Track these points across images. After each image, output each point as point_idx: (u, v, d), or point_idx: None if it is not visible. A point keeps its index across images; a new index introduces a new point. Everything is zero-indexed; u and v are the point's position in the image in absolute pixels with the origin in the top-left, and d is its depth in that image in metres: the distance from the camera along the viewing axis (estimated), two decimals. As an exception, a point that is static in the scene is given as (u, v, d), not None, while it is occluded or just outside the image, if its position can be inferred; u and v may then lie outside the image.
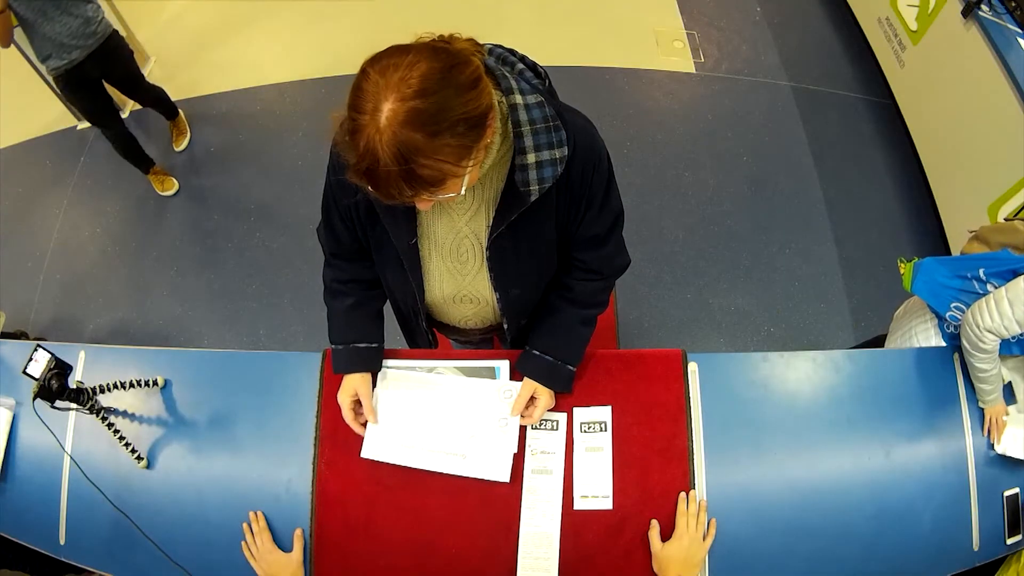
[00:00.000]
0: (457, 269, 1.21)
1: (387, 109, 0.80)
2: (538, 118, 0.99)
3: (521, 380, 1.32)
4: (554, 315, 1.30)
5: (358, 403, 1.32)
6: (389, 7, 3.58)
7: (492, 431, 1.31)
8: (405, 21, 3.45)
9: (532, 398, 1.31)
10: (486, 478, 1.30)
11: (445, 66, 0.83)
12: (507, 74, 0.99)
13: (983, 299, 1.36)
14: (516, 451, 1.30)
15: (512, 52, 1.06)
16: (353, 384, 1.31)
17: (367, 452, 1.31)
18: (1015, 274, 1.36)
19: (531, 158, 1.00)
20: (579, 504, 1.30)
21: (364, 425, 1.32)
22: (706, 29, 3.54)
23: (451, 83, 0.83)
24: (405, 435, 1.32)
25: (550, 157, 1.00)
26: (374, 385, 1.34)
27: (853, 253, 2.87)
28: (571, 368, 1.31)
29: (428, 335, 1.43)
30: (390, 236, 1.14)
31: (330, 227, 1.24)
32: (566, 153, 1.02)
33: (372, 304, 1.34)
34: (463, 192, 0.92)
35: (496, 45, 1.06)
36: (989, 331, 1.33)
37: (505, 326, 1.34)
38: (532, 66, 1.05)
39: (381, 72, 0.82)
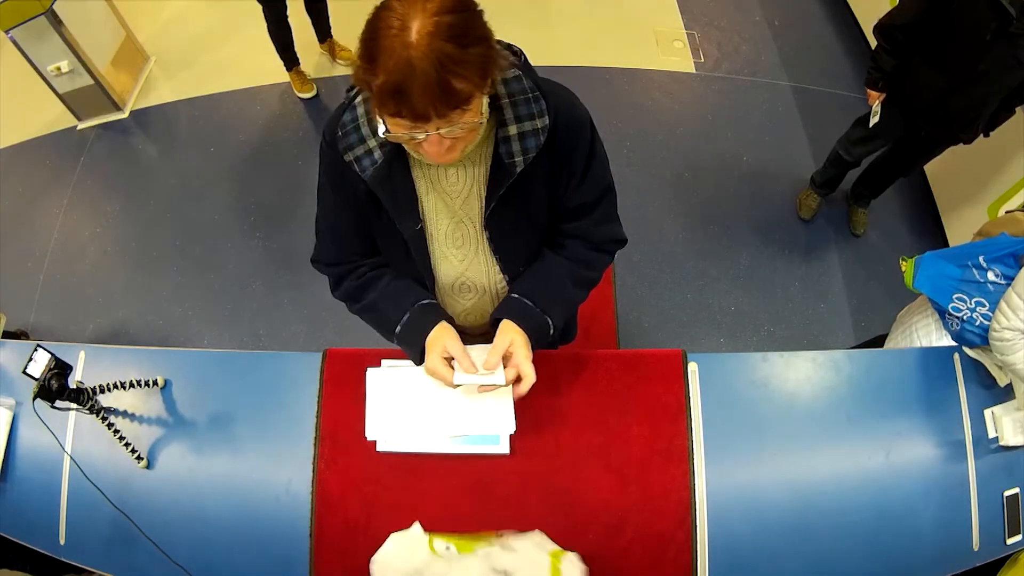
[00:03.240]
0: (455, 254, 1.21)
1: (417, 25, 0.83)
2: (516, 90, 1.03)
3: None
4: (541, 262, 1.24)
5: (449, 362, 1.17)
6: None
7: (487, 392, 1.24)
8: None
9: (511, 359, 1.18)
10: (495, 432, 1.31)
11: None
12: None
13: (997, 305, 1.38)
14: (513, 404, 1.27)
15: None
16: (440, 340, 1.16)
17: (378, 440, 1.33)
18: (1014, 257, 1.37)
19: (512, 130, 1.03)
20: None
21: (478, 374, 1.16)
22: (706, 29, 3.54)
23: (467, 4, 0.88)
24: (407, 418, 1.33)
25: (531, 128, 1.03)
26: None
27: (853, 253, 2.87)
28: (547, 319, 1.19)
29: None
30: (395, 224, 1.14)
31: (335, 231, 1.22)
32: (547, 122, 1.04)
33: (406, 275, 1.25)
34: (482, 119, 0.94)
35: None
36: (1008, 329, 1.34)
37: None
38: (507, 45, 1.07)
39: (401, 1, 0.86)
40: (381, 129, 0.94)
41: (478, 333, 1.44)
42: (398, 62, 0.83)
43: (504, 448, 1.32)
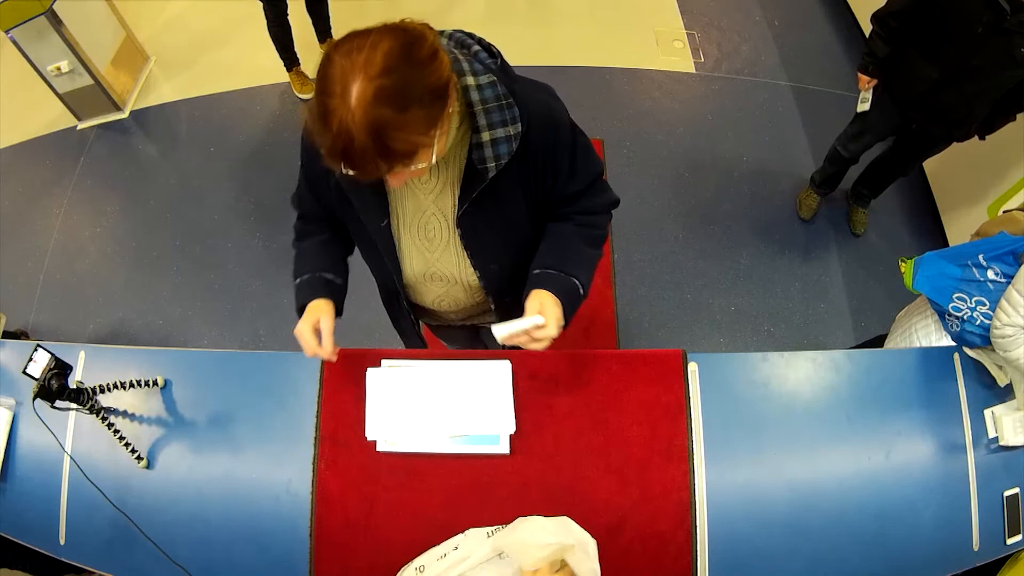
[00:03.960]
0: (425, 246, 1.23)
1: (356, 90, 0.84)
2: (490, 97, 1.03)
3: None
4: (553, 234, 1.25)
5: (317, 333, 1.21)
6: (386, 8, 3.58)
7: (486, 392, 1.34)
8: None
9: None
10: (495, 432, 1.32)
11: (405, 43, 0.87)
12: (459, 56, 1.02)
13: (998, 302, 1.38)
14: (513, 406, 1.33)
15: (471, 36, 1.09)
16: (316, 308, 1.22)
17: (378, 440, 1.33)
18: (1014, 255, 1.37)
19: (485, 136, 1.05)
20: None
21: (327, 353, 1.22)
22: (706, 29, 3.54)
23: (412, 58, 0.87)
24: (407, 418, 1.34)
25: (504, 134, 1.05)
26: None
27: (853, 253, 2.87)
28: (575, 282, 1.19)
29: (411, 315, 1.45)
30: (362, 220, 1.18)
31: (302, 203, 1.30)
32: (519, 129, 1.05)
33: (343, 245, 1.33)
34: (434, 161, 0.96)
35: (456, 30, 1.09)
36: (1009, 326, 1.35)
37: (492, 306, 1.35)
38: (487, 47, 1.08)
39: (345, 55, 0.86)
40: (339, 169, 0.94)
41: (456, 319, 1.46)
42: (340, 128, 0.85)
43: (504, 448, 1.33)
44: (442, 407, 1.34)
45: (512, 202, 1.17)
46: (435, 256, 1.25)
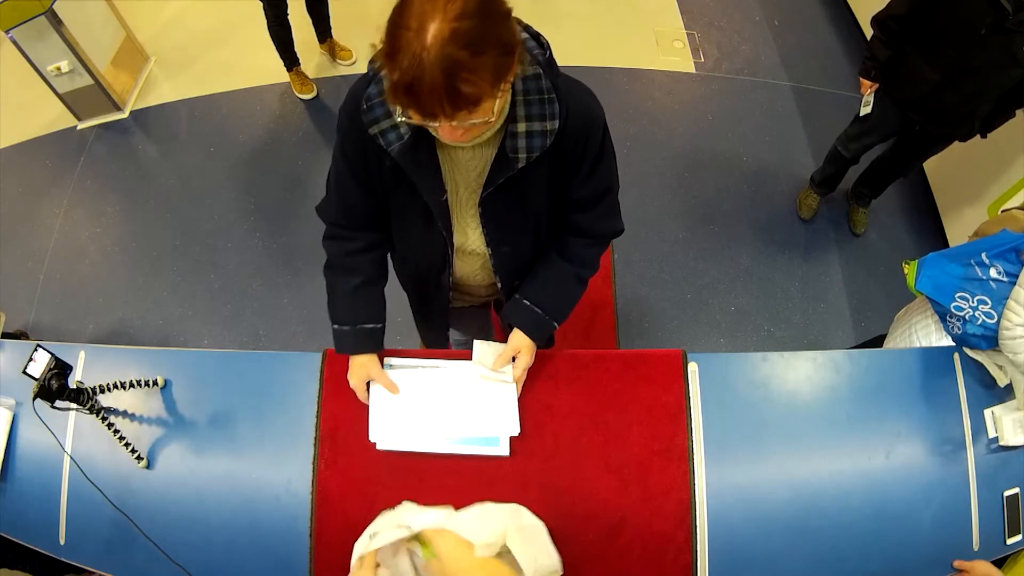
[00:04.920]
0: (467, 222, 1.25)
1: (433, 28, 0.84)
2: (532, 89, 1.05)
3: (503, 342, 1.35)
4: (548, 268, 1.33)
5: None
6: (385, 8, 3.57)
7: (491, 394, 1.34)
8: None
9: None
10: (499, 435, 1.32)
11: None
12: None
13: (1006, 304, 1.38)
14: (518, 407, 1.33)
15: (518, 21, 1.08)
16: (364, 366, 1.31)
17: (379, 441, 1.33)
18: (1016, 252, 1.37)
19: (521, 127, 1.06)
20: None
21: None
22: (706, 29, 3.54)
23: (491, 10, 0.89)
24: (411, 420, 1.33)
25: (540, 128, 1.06)
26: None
27: (853, 253, 2.87)
28: (555, 324, 1.33)
29: (450, 292, 1.44)
30: (419, 193, 1.16)
31: (342, 198, 1.25)
32: (556, 126, 1.06)
33: (379, 284, 1.35)
34: (493, 118, 0.96)
35: None
36: (1020, 326, 1.34)
37: (499, 285, 1.37)
38: (535, 35, 1.08)
39: None
40: (398, 112, 0.96)
41: (484, 292, 1.50)
42: (411, 63, 0.85)
43: (504, 450, 1.33)
44: (446, 408, 1.34)
45: (535, 194, 1.18)
46: (473, 232, 1.27)
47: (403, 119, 0.96)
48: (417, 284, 1.48)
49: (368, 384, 1.34)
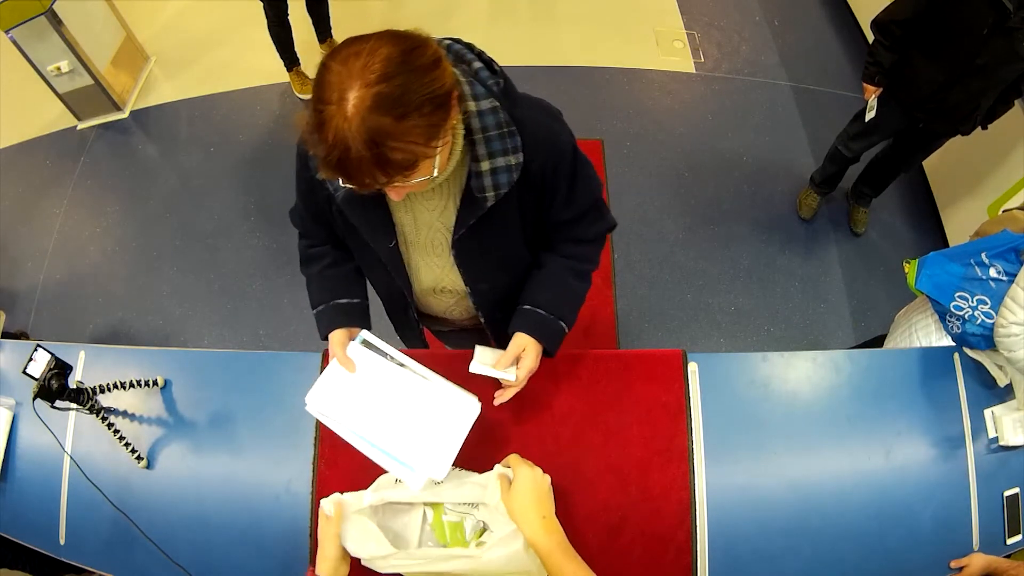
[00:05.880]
0: (433, 262, 1.22)
1: (353, 97, 0.80)
2: (491, 124, 0.99)
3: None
4: (543, 268, 1.28)
5: None
6: (386, 8, 3.58)
7: (441, 425, 1.14)
8: (402, 21, 3.45)
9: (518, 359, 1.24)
10: (418, 467, 1.11)
11: (405, 49, 0.84)
12: (459, 77, 0.97)
13: (1002, 302, 1.38)
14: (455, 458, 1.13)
15: (470, 48, 1.04)
16: (342, 339, 1.21)
17: (311, 405, 1.16)
18: (1015, 252, 1.37)
19: (485, 165, 1.01)
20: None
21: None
22: (706, 29, 3.54)
23: (413, 65, 0.83)
24: (350, 403, 1.16)
25: (504, 164, 1.01)
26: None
27: (853, 252, 2.87)
28: (562, 324, 1.24)
29: (418, 325, 1.43)
30: (368, 241, 1.15)
31: (302, 221, 1.28)
32: (520, 159, 1.02)
33: (349, 263, 1.31)
34: (436, 174, 0.92)
35: (454, 40, 1.05)
36: (1015, 324, 1.35)
37: (482, 319, 1.35)
38: (488, 63, 1.03)
39: (343, 62, 0.82)
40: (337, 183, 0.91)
41: (469, 324, 1.46)
42: (335, 138, 0.81)
43: (414, 483, 1.11)
44: (388, 410, 1.16)
45: (509, 228, 1.15)
46: (444, 272, 1.24)
47: (343, 185, 0.91)
48: (388, 313, 1.48)
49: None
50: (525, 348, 1.22)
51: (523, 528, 1.07)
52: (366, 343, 1.21)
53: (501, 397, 1.25)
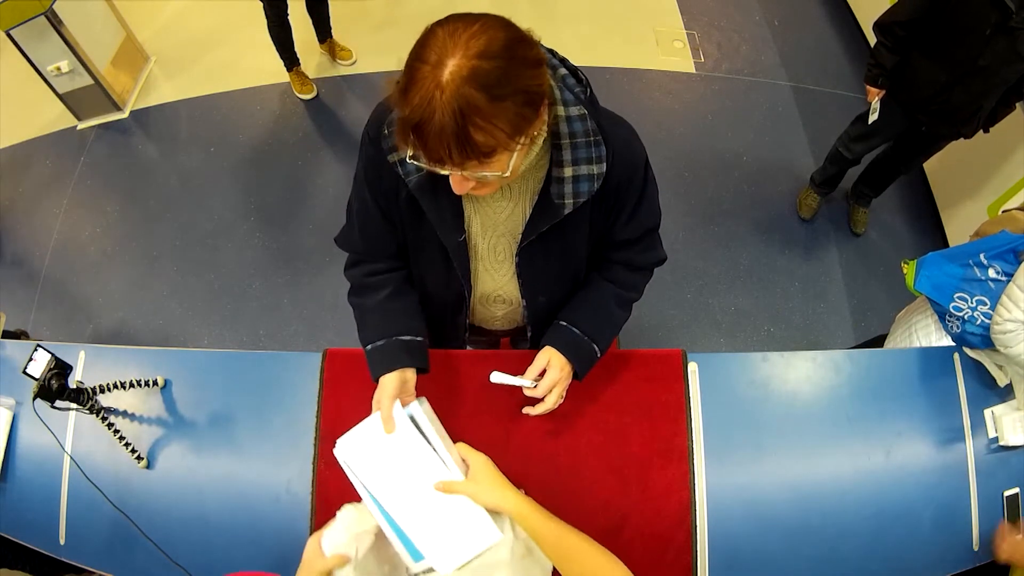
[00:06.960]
0: (495, 268, 1.20)
1: (451, 64, 0.77)
2: (579, 131, 0.97)
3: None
4: (589, 288, 1.26)
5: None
6: (387, 8, 3.58)
7: (463, 524, 1.05)
8: (402, 21, 3.45)
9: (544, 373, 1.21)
10: (428, 555, 1.05)
11: (513, 38, 0.82)
12: (551, 81, 0.95)
13: (999, 299, 1.38)
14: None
15: (553, 53, 1.00)
16: (394, 390, 1.08)
17: (340, 451, 1.09)
18: (1014, 253, 1.38)
19: (568, 172, 0.99)
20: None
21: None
22: (706, 29, 3.54)
23: (516, 54, 0.81)
24: (376, 464, 1.07)
25: (587, 172, 0.99)
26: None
27: (853, 253, 2.87)
28: (596, 348, 1.22)
29: (465, 333, 1.37)
30: (436, 234, 1.10)
31: (363, 227, 1.18)
32: (604, 169, 1.00)
33: (411, 295, 1.24)
34: (507, 174, 0.88)
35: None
36: (1010, 321, 1.35)
37: (529, 333, 1.33)
38: (573, 71, 1.00)
39: (450, 31, 0.80)
40: (408, 152, 0.86)
41: (504, 336, 1.46)
42: (422, 100, 0.78)
43: (415, 565, 1.06)
44: (411, 489, 1.06)
45: (577, 241, 1.13)
46: (504, 281, 1.22)
47: (411, 158, 0.86)
48: (432, 324, 1.35)
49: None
50: (551, 360, 1.20)
51: (505, 503, 1.02)
52: (412, 419, 1.07)
53: (531, 411, 1.25)
